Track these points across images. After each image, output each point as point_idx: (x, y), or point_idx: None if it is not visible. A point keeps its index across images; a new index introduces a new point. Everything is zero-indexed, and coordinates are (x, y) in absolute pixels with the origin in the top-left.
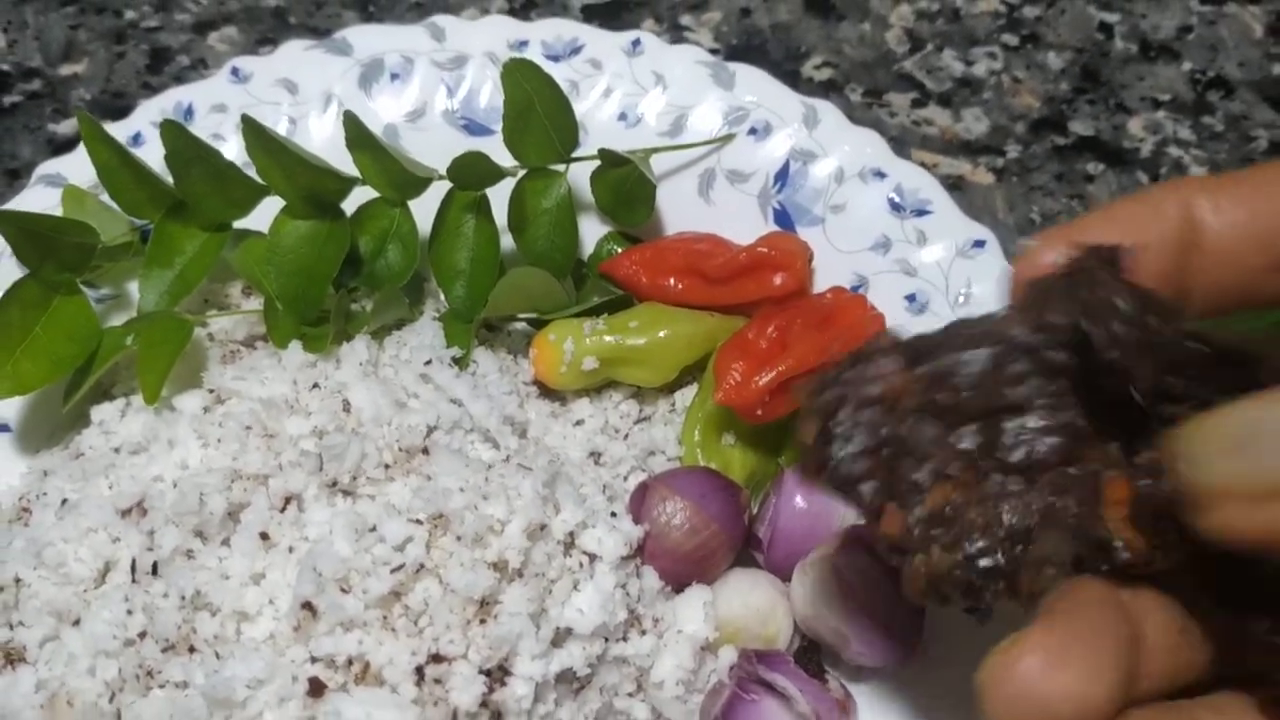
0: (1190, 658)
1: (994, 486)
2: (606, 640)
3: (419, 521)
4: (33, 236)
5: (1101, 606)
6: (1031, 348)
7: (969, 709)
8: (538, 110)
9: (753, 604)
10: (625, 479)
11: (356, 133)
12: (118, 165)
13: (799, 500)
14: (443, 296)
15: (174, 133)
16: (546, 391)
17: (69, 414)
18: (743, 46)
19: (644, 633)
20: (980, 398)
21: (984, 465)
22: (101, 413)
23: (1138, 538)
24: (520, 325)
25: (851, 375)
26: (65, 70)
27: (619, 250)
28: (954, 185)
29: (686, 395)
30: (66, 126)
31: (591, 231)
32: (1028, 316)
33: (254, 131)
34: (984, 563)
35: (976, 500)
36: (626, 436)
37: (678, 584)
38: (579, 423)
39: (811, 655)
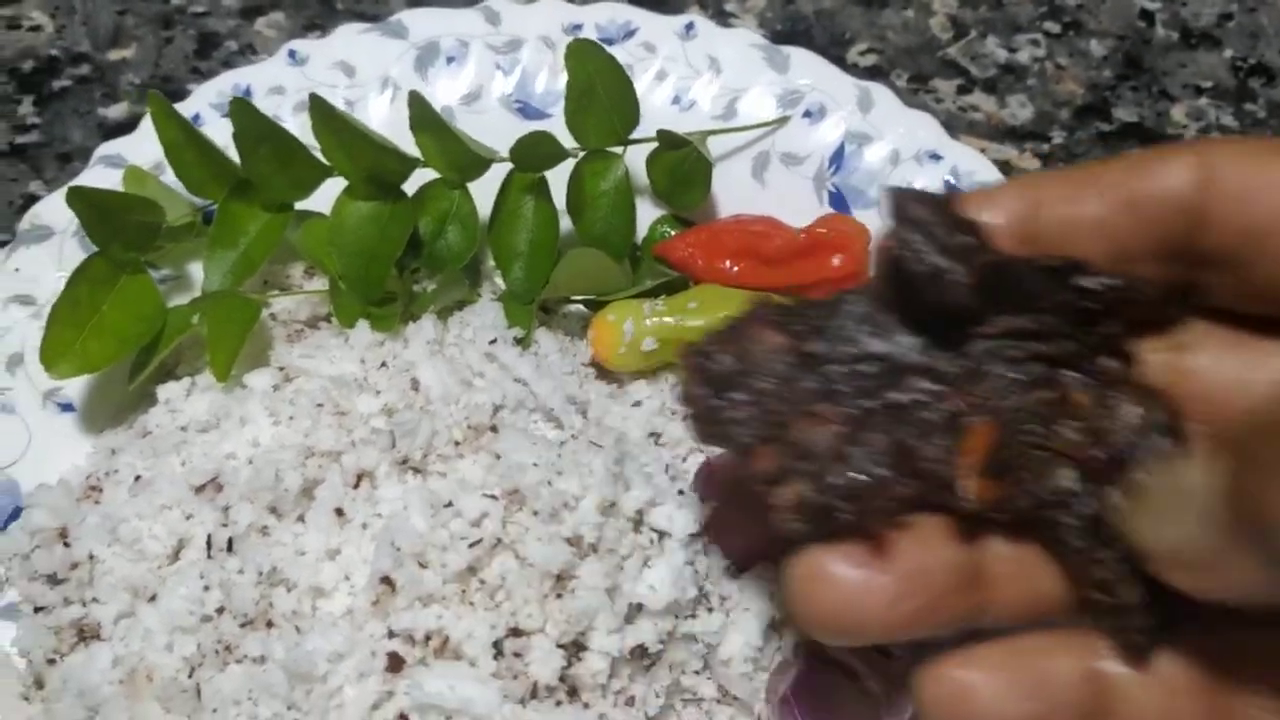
0: (1041, 588)
1: (856, 422)
2: (677, 617)
3: (494, 497)
4: (102, 213)
5: (929, 532)
6: (886, 299)
7: None
8: (599, 91)
9: None
10: (685, 459)
11: (420, 113)
12: (184, 143)
13: None
14: (499, 278)
15: (243, 110)
16: (603, 373)
17: (133, 394)
18: (787, 32)
19: (711, 610)
20: (846, 346)
21: (849, 407)
22: (168, 391)
23: (985, 487)
24: (575, 307)
25: (733, 334)
26: (114, 55)
27: (673, 233)
28: (1002, 171)
29: None
30: (116, 110)
31: (644, 215)
32: (879, 274)
33: (321, 110)
34: (838, 488)
35: (836, 435)
36: (685, 417)
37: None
38: (637, 404)
39: None
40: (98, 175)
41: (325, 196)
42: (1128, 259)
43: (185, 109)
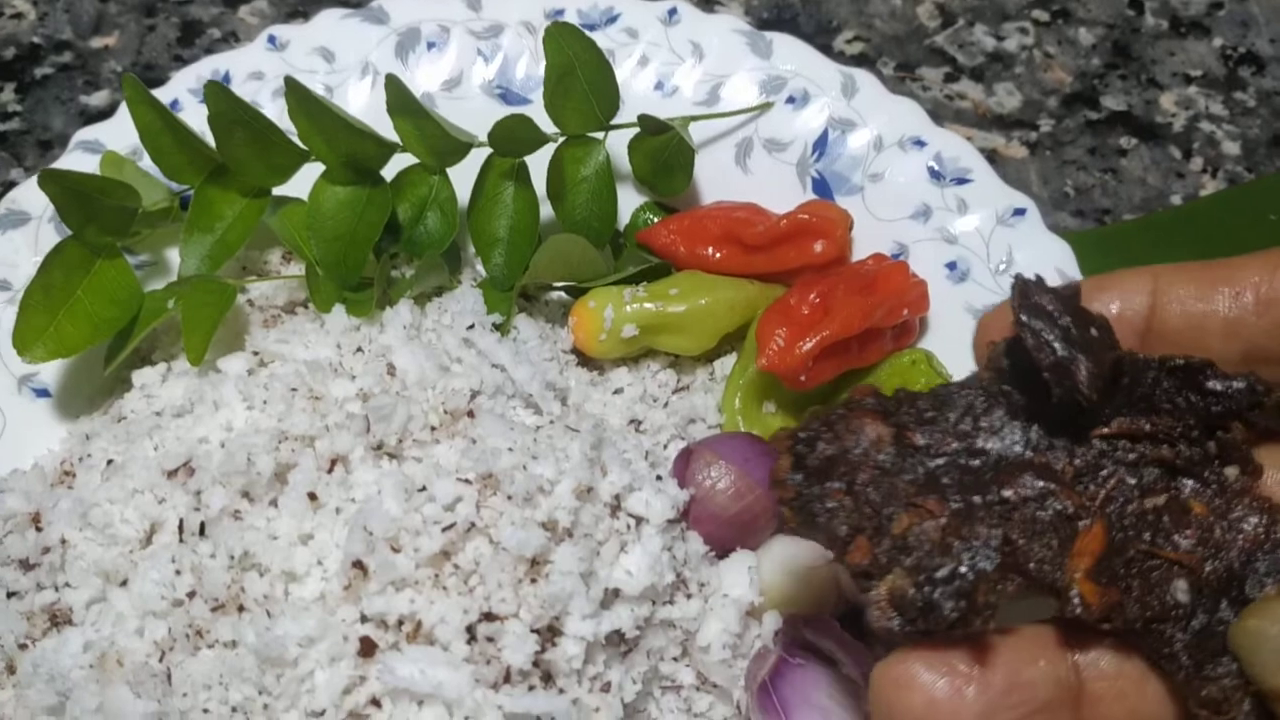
0: (1143, 709)
1: (962, 517)
2: (654, 603)
3: (468, 481)
4: (77, 197)
5: (1033, 641)
6: (995, 391)
7: None
8: (579, 76)
9: (797, 569)
10: (665, 446)
11: (398, 97)
12: (161, 128)
13: None
14: (479, 264)
15: (218, 94)
16: (584, 360)
17: (108, 379)
18: (773, 20)
19: (690, 596)
20: (953, 440)
21: (954, 501)
22: (143, 377)
23: (1095, 593)
24: (556, 294)
25: (832, 420)
26: (96, 43)
27: (655, 219)
28: (988, 159)
29: (725, 364)
30: (98, 98)
31: (627, 201)
32: (988, 367)
33: (297, 94)
34: (941, 583)
35: (942, 528)
36: (666, 405)
37: (722, 549)
38: (618, 391)
39: (855, 620)
40: (76, 160)
41: (303, 181)
42: (1260, 362)
43: (164, 94)
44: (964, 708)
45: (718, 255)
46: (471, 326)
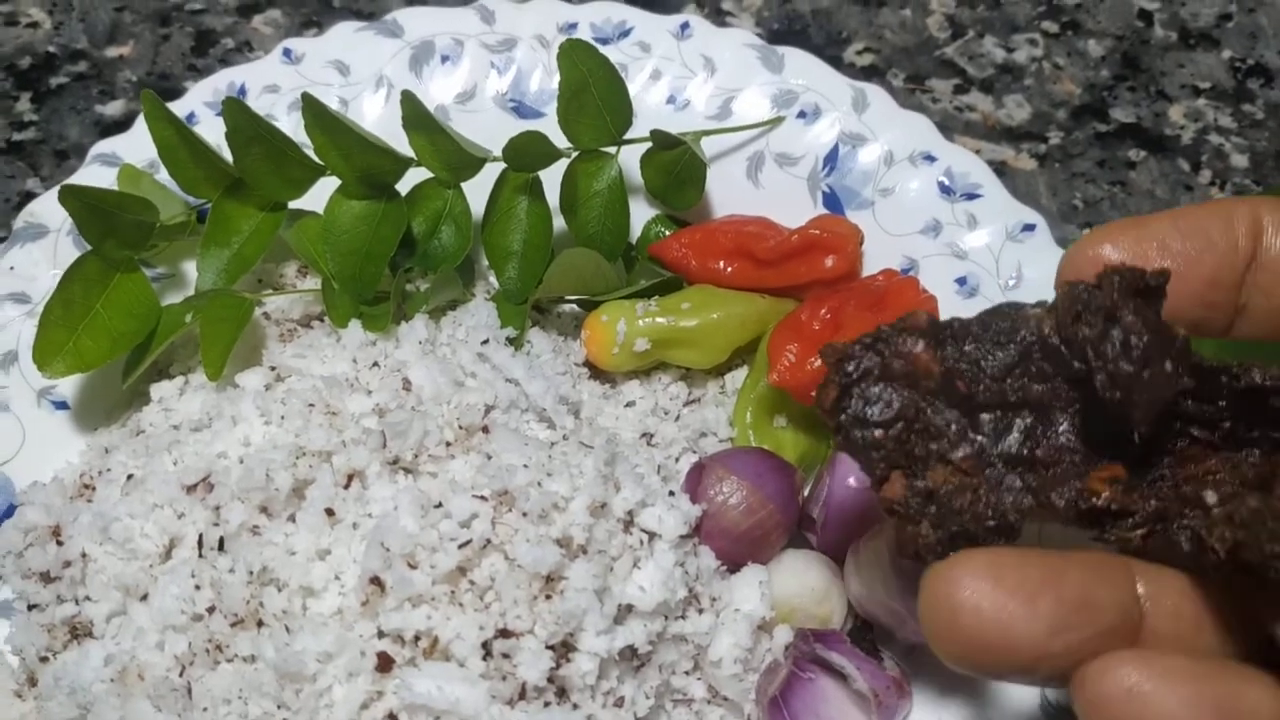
0: (1211, 632)
1: (991, 479)
2: (666, 618)
3: (484, 498)
4: (96, 212)
5: (1084, 560)
6: (1058, 353)
7: (1020, 686)
8: (592, 91)
9: (808, 584)
10: (677, 460)
11: (413, 112)
12: (178, 143)
13: (852, 481)
14: (493, 278)
15: (235, 110)
16: (596, 373)
17: (126, 392)
18: (784, 31)
19: (702, 611)
20: (996, 390)
21: (987, 455)
22: (161, 390)
23: (1117, 493)
24: (568, 307)
25: (879, 346)
26: (111, 52)
27: (667, 233)
28: (997, 171)
29: (736, 378)
30: (114, 108)
31: (638, 214)
32: (1060, 321)
33: (314, 110)
34: (963, 540)
35: (971, 489)
36: (677, 418)
37: (733, 564)
38: (630, 404)
39: (865, 635)
40: (93, 173)
41: (319, 196)
42: None
43: (180, 107)
44: (1036, 618)
45: (729, 269)
46: (486, 341)
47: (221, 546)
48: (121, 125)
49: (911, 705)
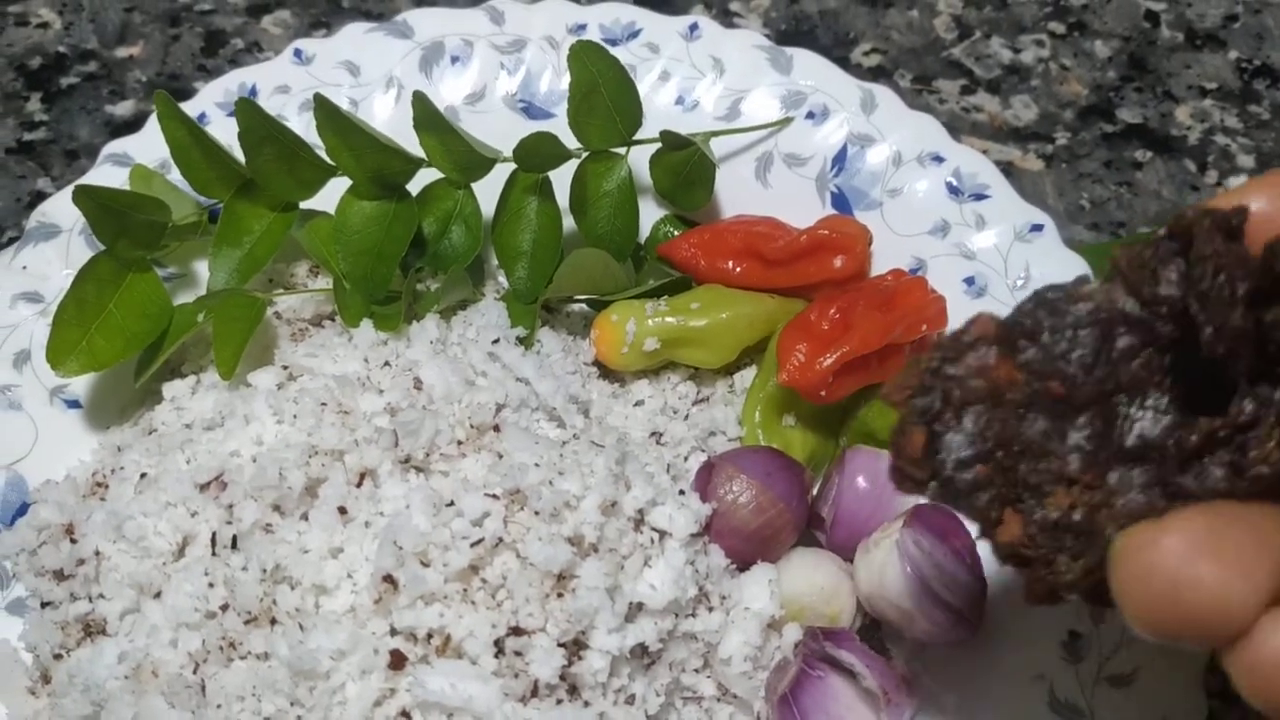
0: None
1: (1119, 484)
2: (676, 616)
3: (495, 496)
4: (109, 212)
5: (1260, 511)
6: (1141, 321)
7: (1028, 684)
8: (602, 92)
9: (817, 582)
10: (686, 459)
11: (424, 113)
12: (190, 143)
13: (861, 480)
14: (502, 277)
15: (248, 111)
16: (606, 372)
17: (138, 391)
18: (791, 32)
19: (711, 609)
20: (1091, 382)
21: (1102, 457)
22: (173, 389)
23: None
24: (578, 307)
25: (950, 370)
26: (121, 52)
27: (676, 233)
28: (1004, 172)
29: (745, 377)
30: (124, 108)
31: (648, 215)
32: (1135, 287)
33: (325, 111)
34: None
35: (1103, 504)
36: (686, 417)
37: (742, 562)
38: (639, 403)
39: (874, 633)
40: (105, 173)
41: (330, 196)
42: None
43: (191, 108)
44: (1256, 592)
45: (738, 269)
46: (496, 340)
47: (235, 544)
48: (131, 125)
49: (920, 703)
